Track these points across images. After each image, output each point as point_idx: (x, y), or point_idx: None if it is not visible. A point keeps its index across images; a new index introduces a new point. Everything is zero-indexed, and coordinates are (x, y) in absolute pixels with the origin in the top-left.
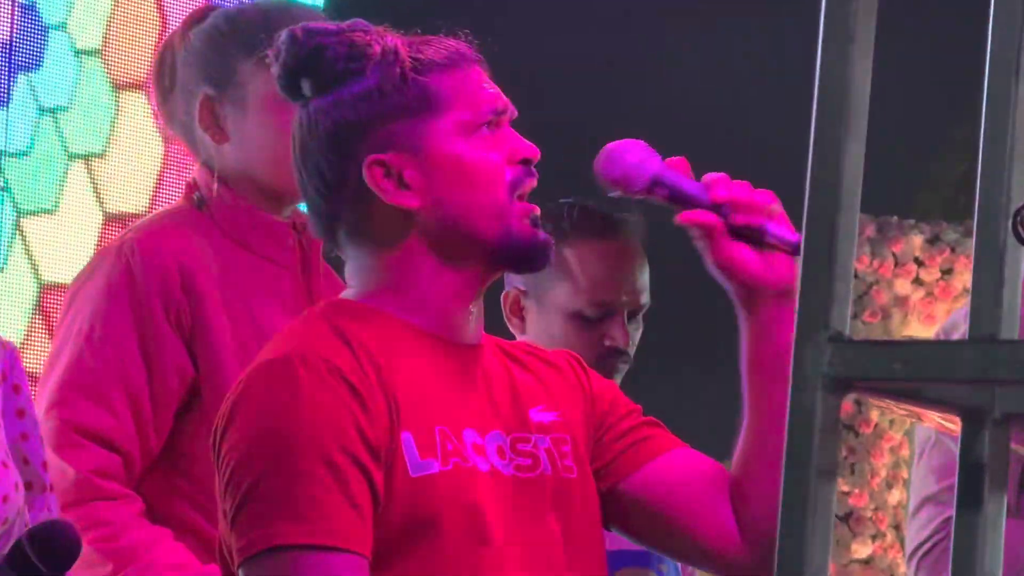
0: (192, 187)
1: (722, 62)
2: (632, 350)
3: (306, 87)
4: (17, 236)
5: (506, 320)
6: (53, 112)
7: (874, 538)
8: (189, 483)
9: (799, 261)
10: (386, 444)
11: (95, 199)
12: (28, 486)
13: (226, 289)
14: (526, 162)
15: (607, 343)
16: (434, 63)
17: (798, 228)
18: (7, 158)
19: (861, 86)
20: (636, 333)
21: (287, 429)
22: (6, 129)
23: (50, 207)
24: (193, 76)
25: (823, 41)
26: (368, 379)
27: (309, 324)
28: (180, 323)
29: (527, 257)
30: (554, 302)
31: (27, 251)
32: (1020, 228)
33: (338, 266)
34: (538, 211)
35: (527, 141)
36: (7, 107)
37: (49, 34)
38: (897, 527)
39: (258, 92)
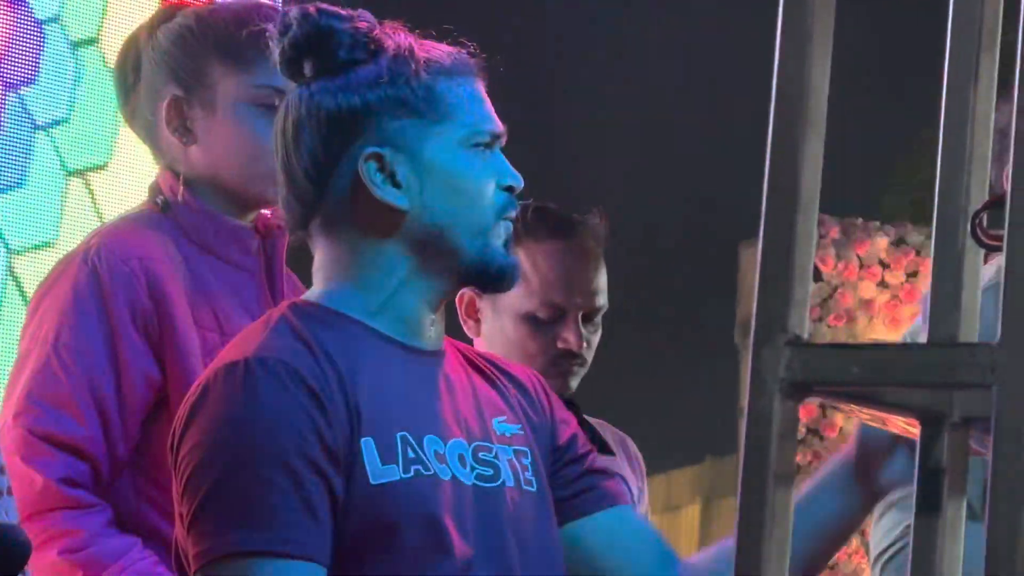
0: (156, 190)
1: (678, 62)
2: (590, 354)
3: (308, 67)
4: (10, 279)
5: (461, 322)
6: (47, 129)
7: None
8: (159, 491)
9: None
10: (346, 450)
11: (97, 220)
12: None
13: (192, 294)
14: (510, 190)
15: (560, 345)
16: (442, 68)
17: (756, 229)
18: None
19: (819, 85)
20: (593, 336)
21: (245, 434)
22: None
23: (47, 240)
24: (160, 76)
25: (780, 39)
26: (329, 384)
27: (270, 326)
28: (147, 329)
29: (498, 277)
30: (507, 304)
31: (22, 295)
32: (978, 231)
33: (299, 271)
34: (511, 232)
35: (514, 170)
36: None
37: (45, 33)
38: (862, 532)
39: (228, 94)
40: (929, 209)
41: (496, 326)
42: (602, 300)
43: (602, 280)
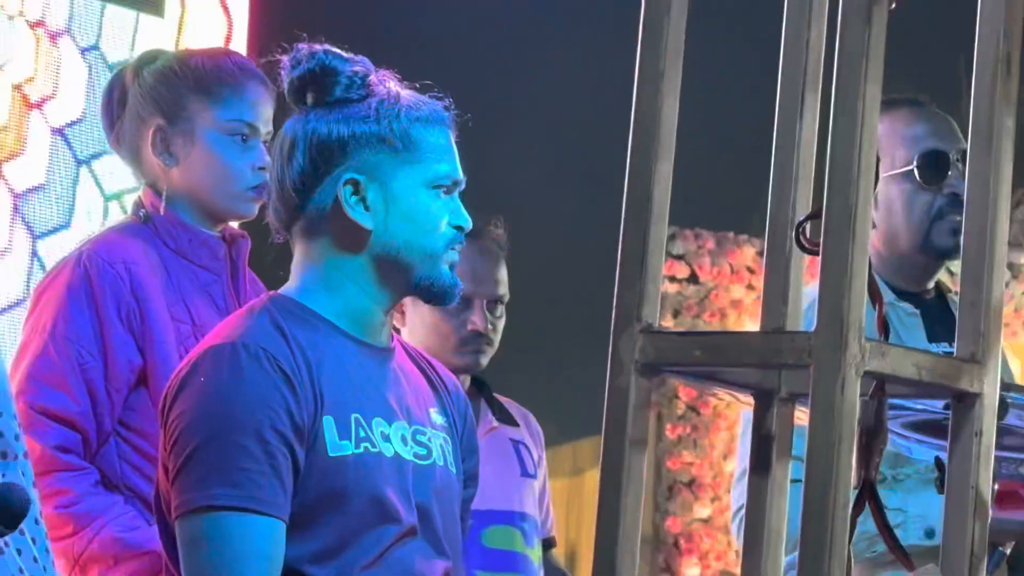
0: (139, 204)
1: (550, 100)
2: (496, 336)
3: (310, 97)
4: None
5: None
6: (90, 163)
7: (712, 501)
8: (139, 456)
9: None
10: (310, 426)
11: None
12: (3, 455)
13: (168, 292)
14: (460, 228)
15: (469, 327)
16: (421, 116)
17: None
18: (40, 240)
19: (670, 115)
20: (498, 321)
21: (228, 407)
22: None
23: None
24: (147, 108)
25: (638, 77)
26: (299, 369)
27: (253, 316)
28: (130, 321)
29: (442, 293)
30: None
31: None
32: (802, 238)
33: (262, 273)
34: (456, 260)
35: (466, 214)
36: (46, 189)
37: (87, 64)
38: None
39: (204, 126)
40: None
41: (417, 315)
42: (503, 290)
43: (503, 274)
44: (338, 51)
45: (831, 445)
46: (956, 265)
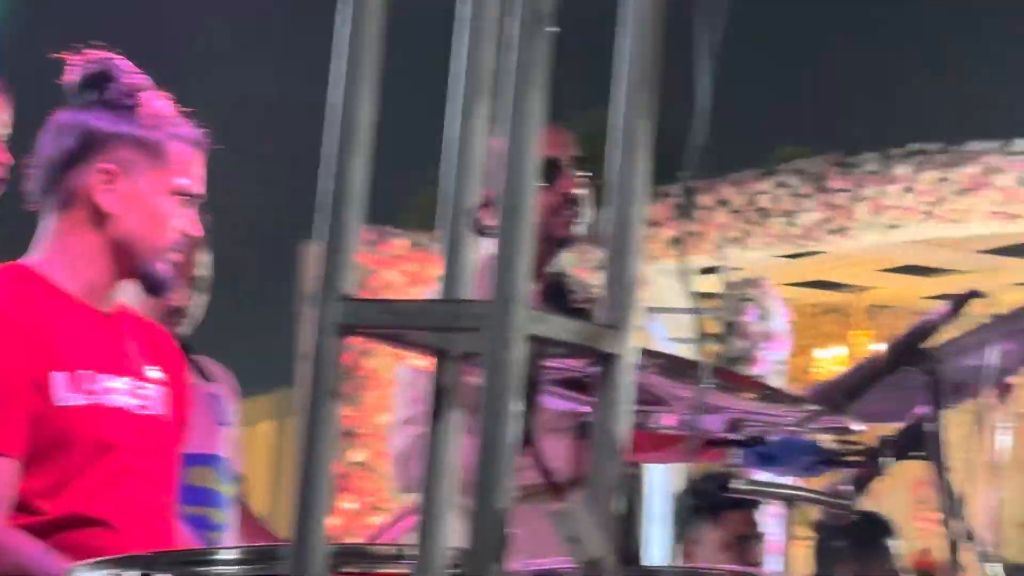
0: None
1: (247, 105)
2: (197, 310)
3: (93, 94)
4: None
5: None
6: None
7: (367, 448)
8: None
9: None
10: (43, 381)
11: None
12: None
13: None
14: (187, 235)
15: (173, 301)
16: (180, 134)
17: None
18: None
19: (367, 114)
20: (200, 296)
21: None
22: None
23: None
24: None
25: (345, 80)
26: (34, 331)
27: None
28: None
29: (158, 288)
30: None
31: None
32: (473, 224)
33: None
34: (178, 260)
35: (199, 224)
36: None
37: None
38: (383, 440)
39: None
40: (432, 222)
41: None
42: (200, 271)
43: (201, 258)
44: (124, 62)
45: (502, 396)
46: (567, 255)
